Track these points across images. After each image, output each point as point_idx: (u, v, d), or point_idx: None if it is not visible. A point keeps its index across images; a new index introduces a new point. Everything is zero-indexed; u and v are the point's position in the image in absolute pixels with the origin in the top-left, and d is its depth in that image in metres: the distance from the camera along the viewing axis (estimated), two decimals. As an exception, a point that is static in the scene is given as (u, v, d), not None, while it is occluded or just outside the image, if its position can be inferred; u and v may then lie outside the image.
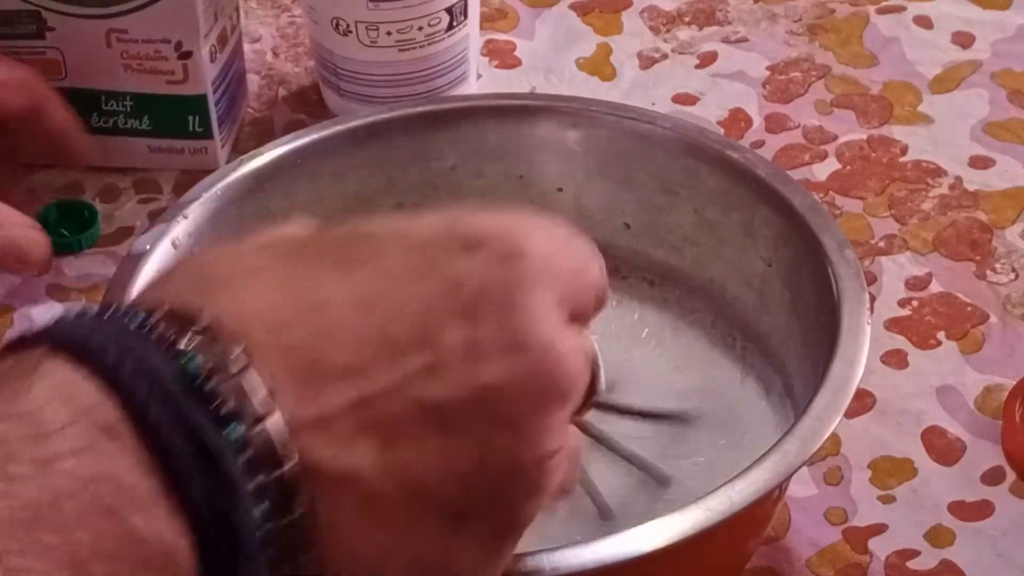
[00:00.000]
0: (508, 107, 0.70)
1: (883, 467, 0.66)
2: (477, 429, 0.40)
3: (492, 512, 0.41)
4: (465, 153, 0.69)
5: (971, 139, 0.81)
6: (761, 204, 0.65)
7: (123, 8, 0.76)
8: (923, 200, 0.78)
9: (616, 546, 0.50)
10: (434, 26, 0.79)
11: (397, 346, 0.40)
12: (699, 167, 0.67)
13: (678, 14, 0.90)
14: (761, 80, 0.85)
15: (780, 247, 0.64)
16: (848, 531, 0.63)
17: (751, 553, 0.60)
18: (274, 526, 0.38)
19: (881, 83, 0.84)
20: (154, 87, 0.78)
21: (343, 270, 0.41)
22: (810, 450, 0.54)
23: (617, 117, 0.69)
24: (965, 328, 0.71)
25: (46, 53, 0.78)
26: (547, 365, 0.41)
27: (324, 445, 0.39)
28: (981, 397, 0.68)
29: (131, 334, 0.38)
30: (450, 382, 0.40)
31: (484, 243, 0.42)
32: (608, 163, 0.69)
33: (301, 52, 0.87)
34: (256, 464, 0.38)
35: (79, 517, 0.35)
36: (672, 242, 0.68)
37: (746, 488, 0.52)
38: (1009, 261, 0.74)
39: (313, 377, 0.39)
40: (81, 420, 0.36)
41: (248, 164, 0.67)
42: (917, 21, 0.88)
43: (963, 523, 0.63)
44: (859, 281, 0.60)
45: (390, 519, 0.40)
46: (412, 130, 0.69)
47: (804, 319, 0.62)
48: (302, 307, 0.40)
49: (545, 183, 0.69)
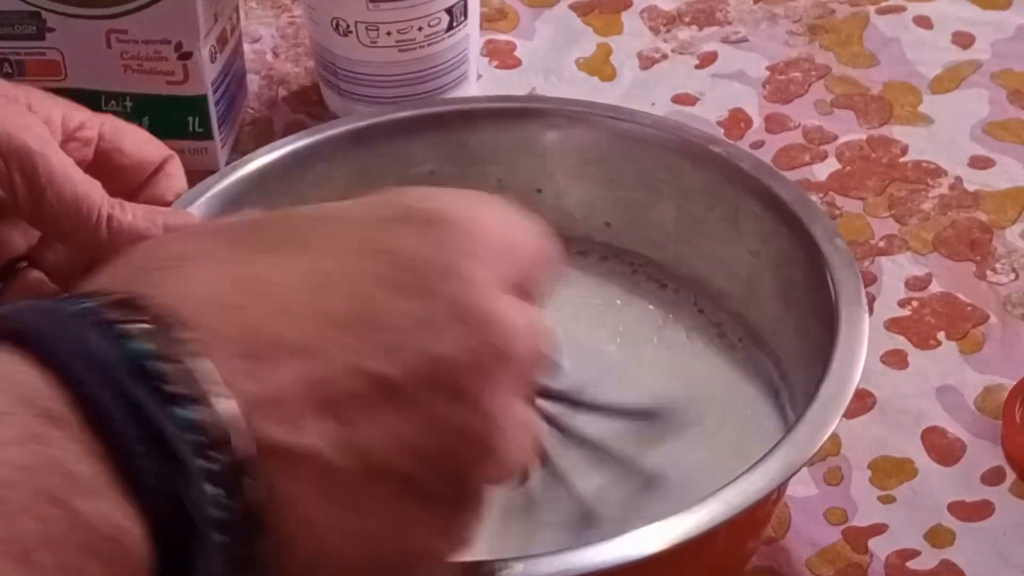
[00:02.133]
0: (490, 110, 0.70)
1: (883, 467, 0.66)
2: (428, 401, 0.41)
3: (448, 484, 0.42)
4: (445, 157, 0.69)
5: (971, 139, 0.81)
6: (746, 196, 0.65)
7: (123, 9, 0.76)
8: (923, 200, 0.78)
9: (618, 549, 0.50)
10: (434, 26, 0.79)
11: (345, 323, 0.40)
12: (681, 163, 0.67)
13: (678, 14, 0.90)
14: (761, 80, 0.85)
15: (768, 239, 0.64)
16: (848, 531, 0.63)
17: (751, 554, 0.60)
18: (230, 511, 0.38)
19: (881, 83, 0.84)
20: (154, 88, 0.78)
21: (289, 252, 0.41)
22: (810, 451, 0.54)
23: (600, 117, 0.69)
24: (965, 328, 0.71)
25: (46, 54, 0.78)
26: (493, 334, 0.41)
27: (278, 425, 0.39)
28: (981, 397, 0.68)
29: (76, 321, 0.38)
30: (399, 356, 0.40)
31: (427, 219, 0.42)
32: (589, 162, 0.69)
33: (301, 52, 0.87)
34: (208, 447, 0.37)
35: (23, 506, 0.35)
36: (655, 238, 0.68)
37: (746, 490, 0.52)
38: (1009, 261, 0.74)
39: (263, 358, 0.39)
40: (24, 409, 0.36)
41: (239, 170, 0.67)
42: (917, 21, 0.88)
43: (963, 523, 0.63)
44: (853, 271, 0.60)
45: (348, 496, 0.40)
46: (393, 136, 0.69)
47: (796, 311, 0.62)
48: (249, 290, 0.40)
49: (524, 185, 0.69)
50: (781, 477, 0.53)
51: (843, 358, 0.57)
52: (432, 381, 0.41)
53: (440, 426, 0.41)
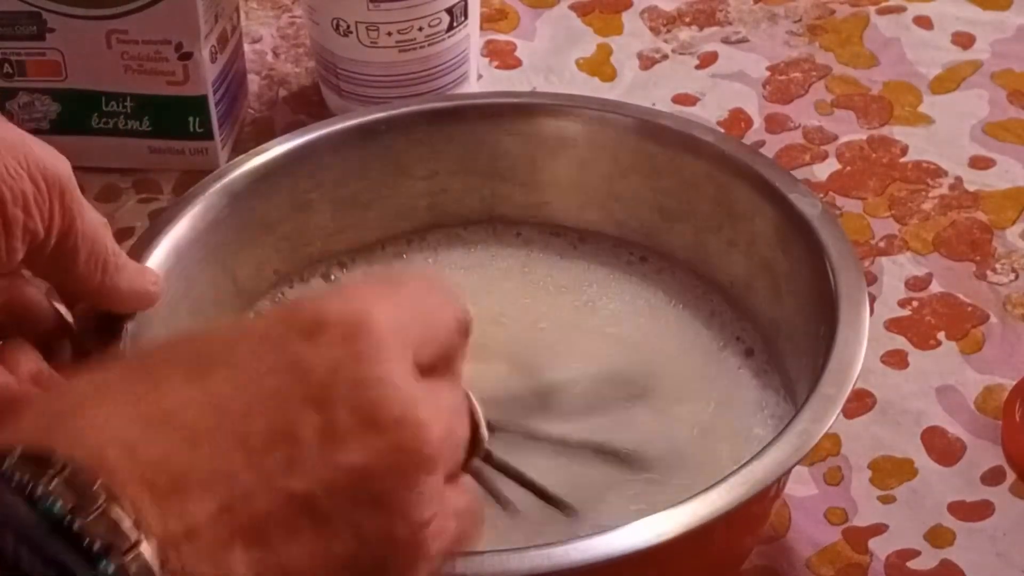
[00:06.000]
0: (500, 106, 0.71)
1: (883, 467, 0.66)
2: (347, 513, 0.40)
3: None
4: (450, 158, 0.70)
5: (971, 139, 0.81)
6: (738, 181, 0.65)
7: (123, 9, 0.76)
8: (923, 200, 0.78)
9: (618, 540, 0.51)
10: (434, 27, 0.79)
11: (255, 444, 0.40)
12: (682, 156, 0.67)
13: (678, 14, 0.90)
14: (761, 80, 0.85)
15: (759, 224, 0.65)
16: (848, 531, 0.63)
17: (749, 550, 0.60)
18: None
19: (881, 83, 0.84)
20: (154, 88, 0.78)
21: (190, 376, 0.41)
22: (808, 445, 0.54)
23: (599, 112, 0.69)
24: (965, 328, 0.71)
25: (46, 54, 0.78)
26: (405, 436, 0.41)
27: (197, 558, 0.38)
28: (981, 397, 0.68)
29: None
30: (312, 471, 0.40)
31: (324, 326, 0.42)
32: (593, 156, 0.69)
33: (301, 52, 0.87)
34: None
35: None
36: (657, 229, 0.69)
37: (746, 481, 0.52)
38: (1009, 261, 0.74)
39: (175, 492, 0.39)
40: None
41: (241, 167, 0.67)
42: (917, 21, 0.88)
43: (963, 523, 0.63)
44: (854, 261, 0.60)
45: None
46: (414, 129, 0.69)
47: (794, 300, 0.63)
48: (153, 421, 0.40)
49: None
50: (781, 470, 0.53)
51: (843, 348, 0.57)
52: (350, 493, 0.40)
53: (364, 538, 0.41)
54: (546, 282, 0.69)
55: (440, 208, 0.70)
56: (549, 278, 0.69)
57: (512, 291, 0.68)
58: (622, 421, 0.61)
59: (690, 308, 0.67)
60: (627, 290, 0.68)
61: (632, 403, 0.62)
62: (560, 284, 0.68)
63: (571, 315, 0.67)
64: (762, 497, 0.53)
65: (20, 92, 0.79)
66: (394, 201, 0.69)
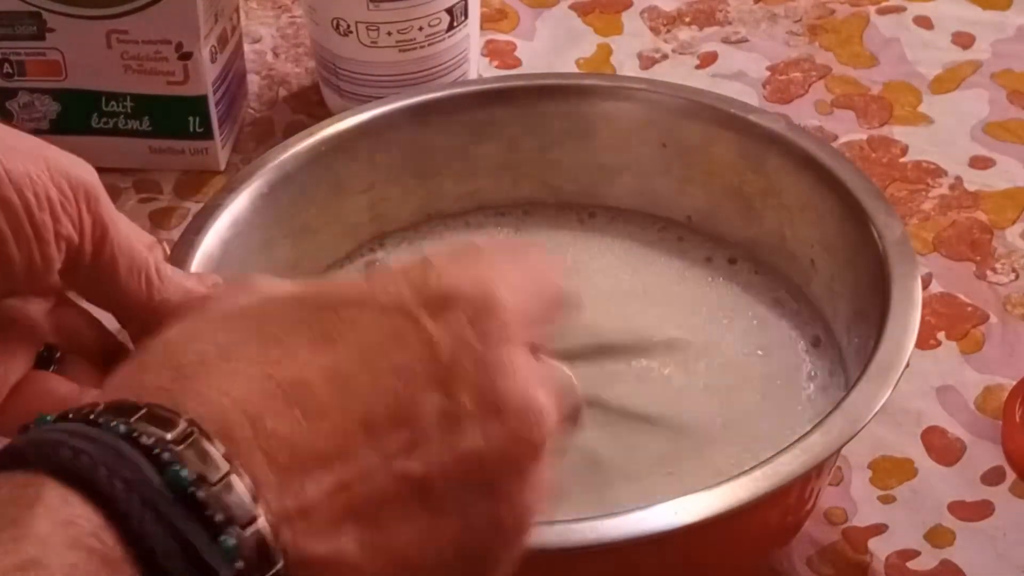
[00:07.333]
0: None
1: (883, 467, 0.66)
2: (458, 497, 0.40)
3: (476, 567, 0.42)
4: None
5: (971, 139, 0.81)
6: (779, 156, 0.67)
7: (123, 9, 0.76)
8: (923, 200, 0.78)
9: (669, 513, 0.52)
10: (434, 26, 0.79)
11: (377, 422, 0.40)
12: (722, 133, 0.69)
13: (678, 14, 0.90)
14: (761, 80, 0.85)
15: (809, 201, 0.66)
16: (848, 531, 0.63)
17: (795, 531, 0.61)
18: None
19: (881, 83, 0.84)
20: (154, 88, 0.78)
21: (316, 344, 0.41)
22: (862, 420, 0.55)
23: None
24: (965, 328, 0.71)
25: (46, 54, 0.78)
26: (524, 426, 0.41)
27: (309, 535, 0.38)
28: (981, 397, 0.68)
29: (117, 449, 0.37)
30: (430, 456, 0.40)
31: (453, 303, 0.41)
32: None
33: (301, 52, 0.87)
34: (248, 570, 0.37)
35: None
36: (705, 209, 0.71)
37: (806, 453, 0.53)
38: (1009, 261, 0.74)
39: (294, 468, 0.39)
40: (83, 557, 0.36)
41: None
42: (917, 21, 0.88)
43: (963, 523, 0.63)
44: (894, 218, 0.63)
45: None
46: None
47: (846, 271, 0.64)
48: (280, 392, 0.39)
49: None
50: (828, 450, 0.54)
51: (896, 325, 0.58)
52: (463, 477, 0.40)
53: (470, 522, 0.41)
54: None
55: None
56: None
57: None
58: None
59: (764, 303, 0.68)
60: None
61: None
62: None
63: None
64: (810, 475, 0.54)
65: (20, 92, 0.79)
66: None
